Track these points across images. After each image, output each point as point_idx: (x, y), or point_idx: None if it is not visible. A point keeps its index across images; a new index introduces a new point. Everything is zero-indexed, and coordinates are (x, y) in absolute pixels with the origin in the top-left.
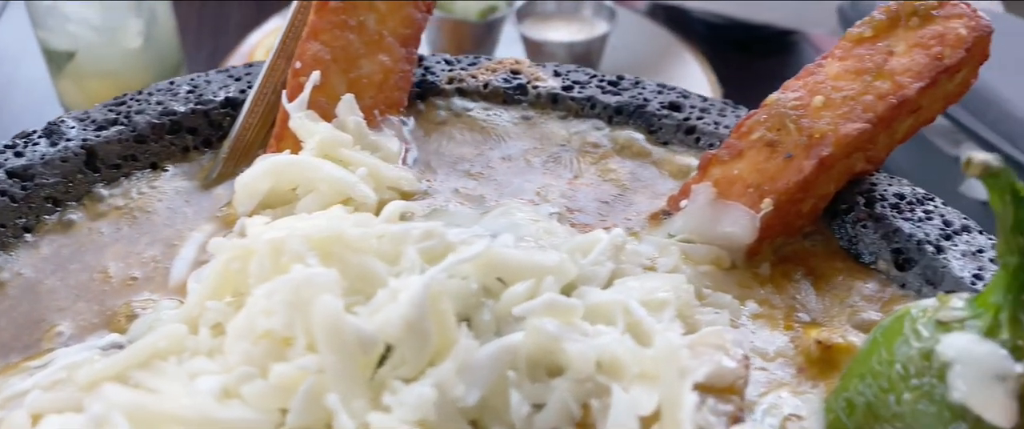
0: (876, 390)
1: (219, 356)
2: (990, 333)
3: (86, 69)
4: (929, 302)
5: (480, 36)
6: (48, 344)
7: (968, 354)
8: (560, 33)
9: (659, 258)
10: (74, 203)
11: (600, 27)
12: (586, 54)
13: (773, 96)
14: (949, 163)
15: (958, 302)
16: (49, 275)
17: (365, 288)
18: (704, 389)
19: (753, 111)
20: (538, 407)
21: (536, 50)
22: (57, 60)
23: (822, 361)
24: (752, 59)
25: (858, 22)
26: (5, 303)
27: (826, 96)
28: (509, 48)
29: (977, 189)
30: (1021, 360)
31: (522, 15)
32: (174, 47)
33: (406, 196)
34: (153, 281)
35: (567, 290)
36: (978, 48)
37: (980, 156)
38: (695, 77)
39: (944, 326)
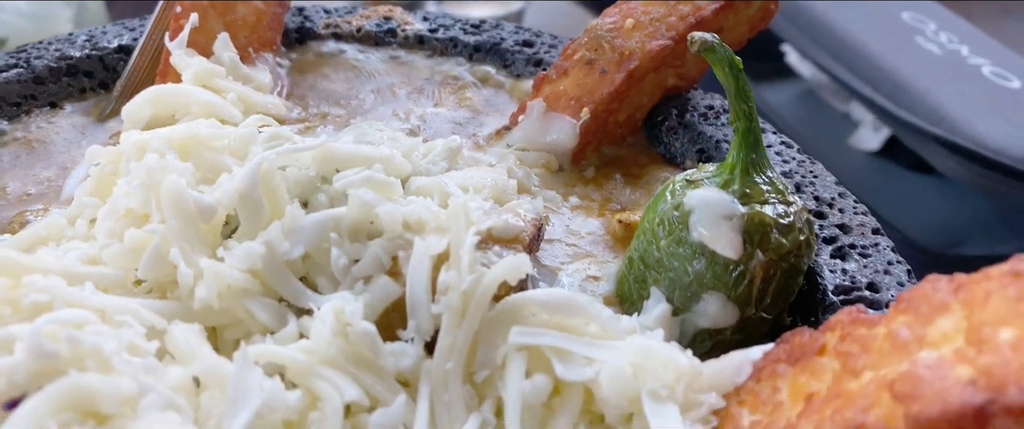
0: (645, 244)
1: (92, 241)
2: (724, 186)
3: None
4: (690, 171)
5: None
6: None
7: (704, 201)
8: (479, 10)
9: (497, 164)
10: None
11: (515, 4)
12: None
13: (593, 22)
14: (839, 118)
15: (710, 167)
16: None
17: (216, 178)
18: (494, 239)
19: (578, 36)
20: (357, 262)
21: None
22: None
23: (624, 237)
24: None
25: None
26: None
27: (636, 19)
28: None
29: (864, 140)
30: (747, 205)
31: None
32: None
33: (278, 121)
34: (47, 197)
35: (403, 182)
36: None
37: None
38: None
39: (692, 184)
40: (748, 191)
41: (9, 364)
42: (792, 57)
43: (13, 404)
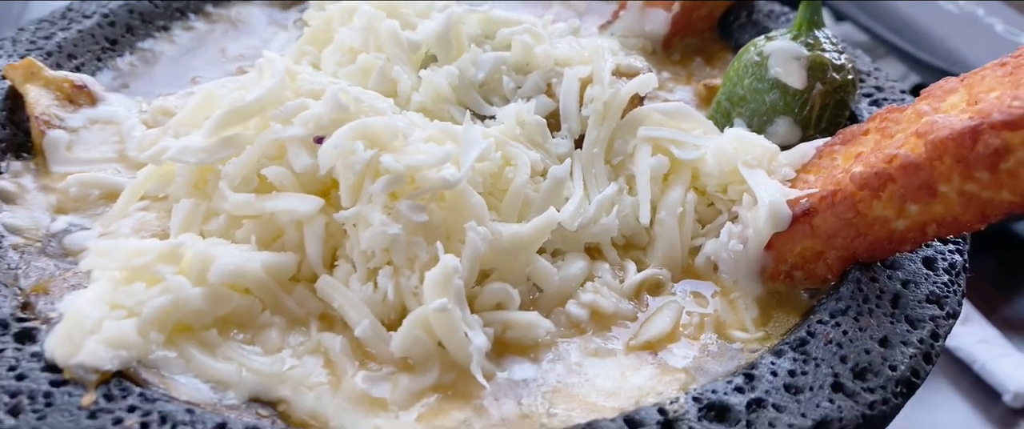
0: (730, 86)
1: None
2: (794, 38)
3: None
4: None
5: None
6: (193, 87)
7: (780, 48)
8: None
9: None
10: (194, 15)
11: None
12: None
13: None
14: None
15: (782, 29)
16: (185, 53)
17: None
18: (621, 73)
19: None
20: (519, 88)
21: None
22: None
23: (707, 97)
24: None
25: None
26: (158, 66)
27: None
28: None
29: None
30: (810, 50)
31: None
32: None
33: None
34: (256, 57)
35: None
36: None
37: None
38: None
39: (770, 39)
40: (811, 42)
41: (315, 113)
42: None
43: (319, 140)
